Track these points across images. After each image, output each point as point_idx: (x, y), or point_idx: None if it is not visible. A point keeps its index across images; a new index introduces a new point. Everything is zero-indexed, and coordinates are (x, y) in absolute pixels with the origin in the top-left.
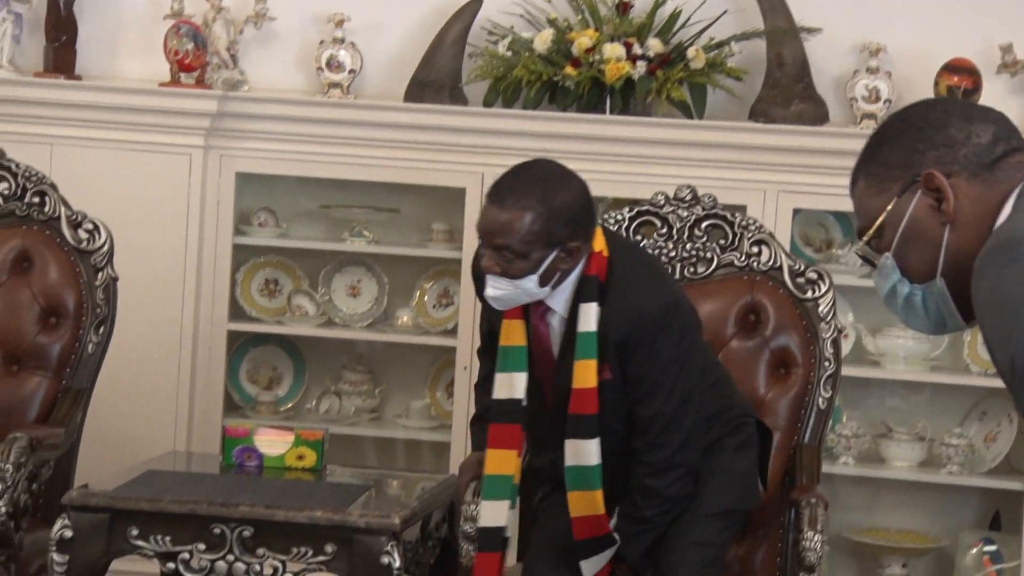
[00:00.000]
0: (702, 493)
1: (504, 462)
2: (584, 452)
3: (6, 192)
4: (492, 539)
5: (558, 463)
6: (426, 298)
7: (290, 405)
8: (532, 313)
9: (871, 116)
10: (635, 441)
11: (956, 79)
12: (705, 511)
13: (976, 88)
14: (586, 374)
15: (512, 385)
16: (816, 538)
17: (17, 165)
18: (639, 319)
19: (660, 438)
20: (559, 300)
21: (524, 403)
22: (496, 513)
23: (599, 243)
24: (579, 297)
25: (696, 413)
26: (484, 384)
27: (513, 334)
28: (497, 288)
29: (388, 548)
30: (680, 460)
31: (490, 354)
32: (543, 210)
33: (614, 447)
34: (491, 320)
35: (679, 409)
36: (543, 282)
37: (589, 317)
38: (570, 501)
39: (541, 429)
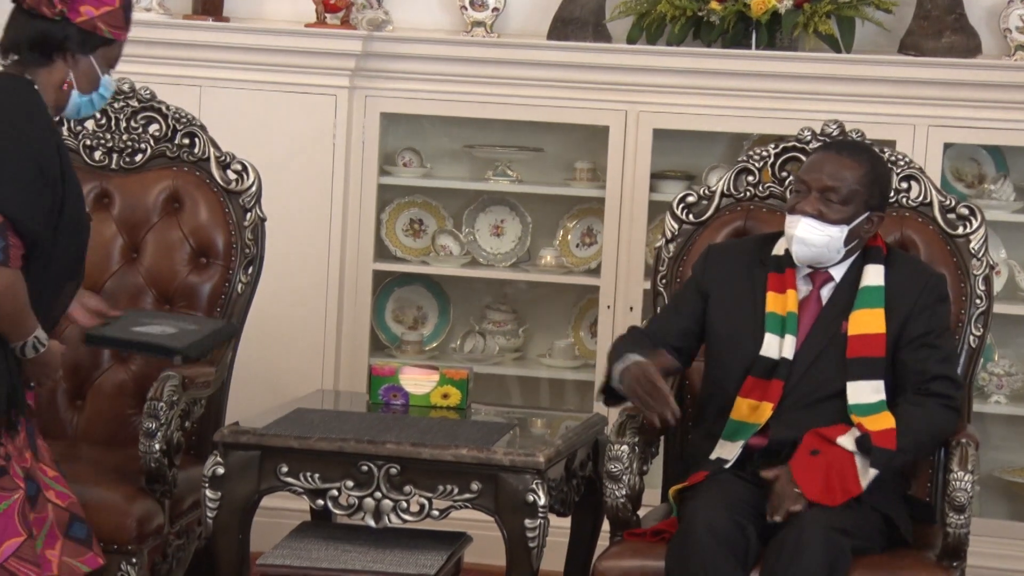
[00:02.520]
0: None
1: (758, 413)
2: (868, 391)
3: (157, 133)
4: (716, 465)
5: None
6: (569, 237)
7: (435, 344)
8: (812, 281)
9: None
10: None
11: None
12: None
13: None
14: (871, 321)
15: (783, 346)
16: (966, 478)
17: (167, 107)
18: (927, 281)
19: (950, 392)
20: (839, 270)
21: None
22: (730, 451)
23: None
24: (864, 260)
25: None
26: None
27: (788, 303)
28: (810, 231)
29: (533, 486)
30: (947, 424)
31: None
32: (872, 172)
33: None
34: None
35: (955, 375)
36: (848, 240)
37: (876, 275)
38: (857, 421)
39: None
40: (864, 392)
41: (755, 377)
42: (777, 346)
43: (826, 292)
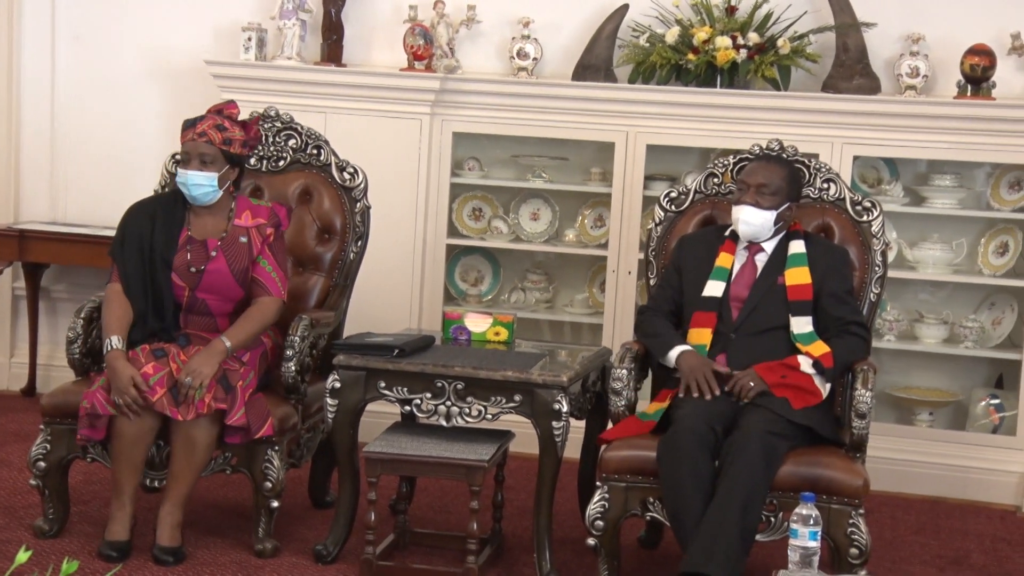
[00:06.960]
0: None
1: (701, 336)
2: (802, 324)
3: (295, 146)
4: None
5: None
6: (586, 221)
7: (489, 297)
8: (748, 251)
9: (912, 87)
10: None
11: (976, 59)
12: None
13: (992, 66)
14: (800, 275)
15: (717, 288)
16: (867, 394)
17: (302, 127)
18: (834, 251)
19: (859, 332)
20: (769, 245)
21: (719, 299)
22: None
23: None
24: (788, 238)
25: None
26: (664, 330)
27: (725, 261)
28: (750, 215)
29: (559, 398)
30: (863, 352)
31: (667, 310)
32: (791, 175)
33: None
34: (680, 279)
35: (864, 320)
36: (776, 221)
37: (799, 246)
38: (804, 350)
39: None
40: (801, 325)
41: (700, 311)
42: (713, 290)
43: (760, 260)
